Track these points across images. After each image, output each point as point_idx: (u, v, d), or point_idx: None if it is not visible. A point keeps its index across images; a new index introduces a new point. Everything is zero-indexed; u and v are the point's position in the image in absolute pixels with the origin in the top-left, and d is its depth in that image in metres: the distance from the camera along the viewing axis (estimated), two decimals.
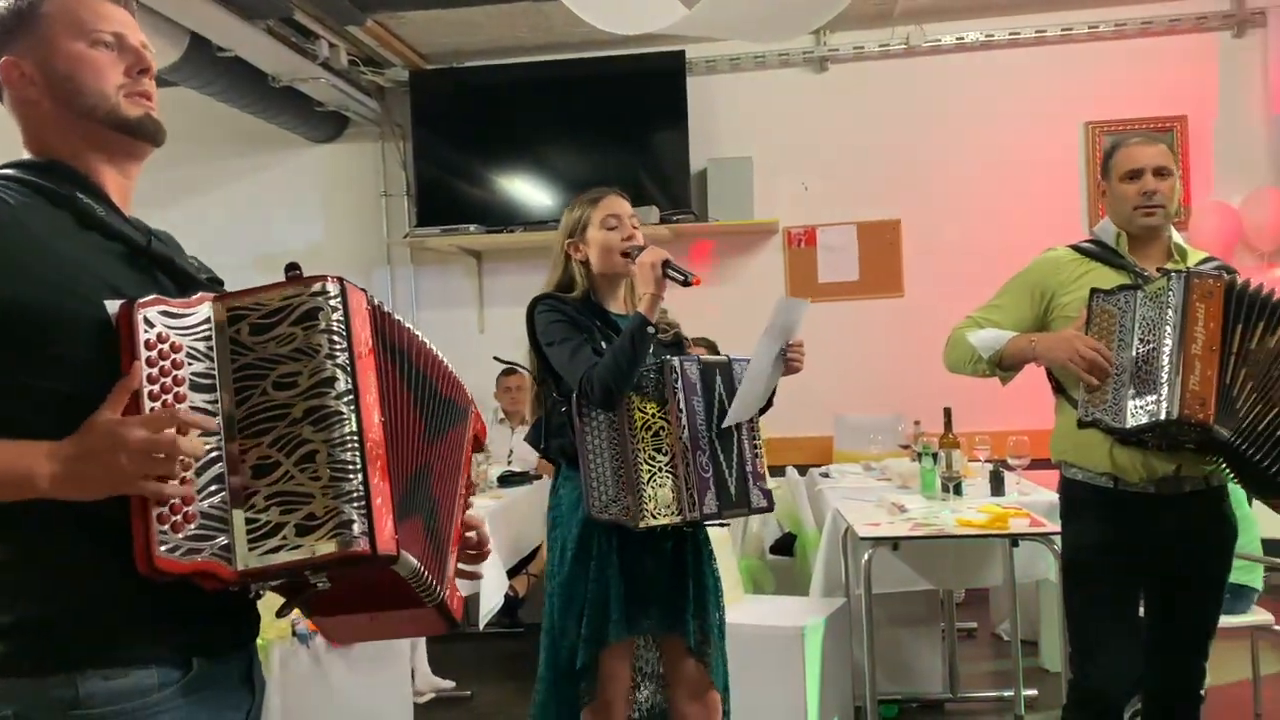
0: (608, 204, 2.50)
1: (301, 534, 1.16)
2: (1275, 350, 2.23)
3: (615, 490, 2.31)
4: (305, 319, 1.21)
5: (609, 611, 2.37)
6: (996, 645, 4.53)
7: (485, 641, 4.85)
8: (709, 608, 2.49)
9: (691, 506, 2.30)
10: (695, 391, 2.35)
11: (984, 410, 4.96)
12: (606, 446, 2.32)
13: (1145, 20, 5.40)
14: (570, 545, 2.43)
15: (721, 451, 2.37)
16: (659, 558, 2.42)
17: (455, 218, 5.58)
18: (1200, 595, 2.53)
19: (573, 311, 2.43)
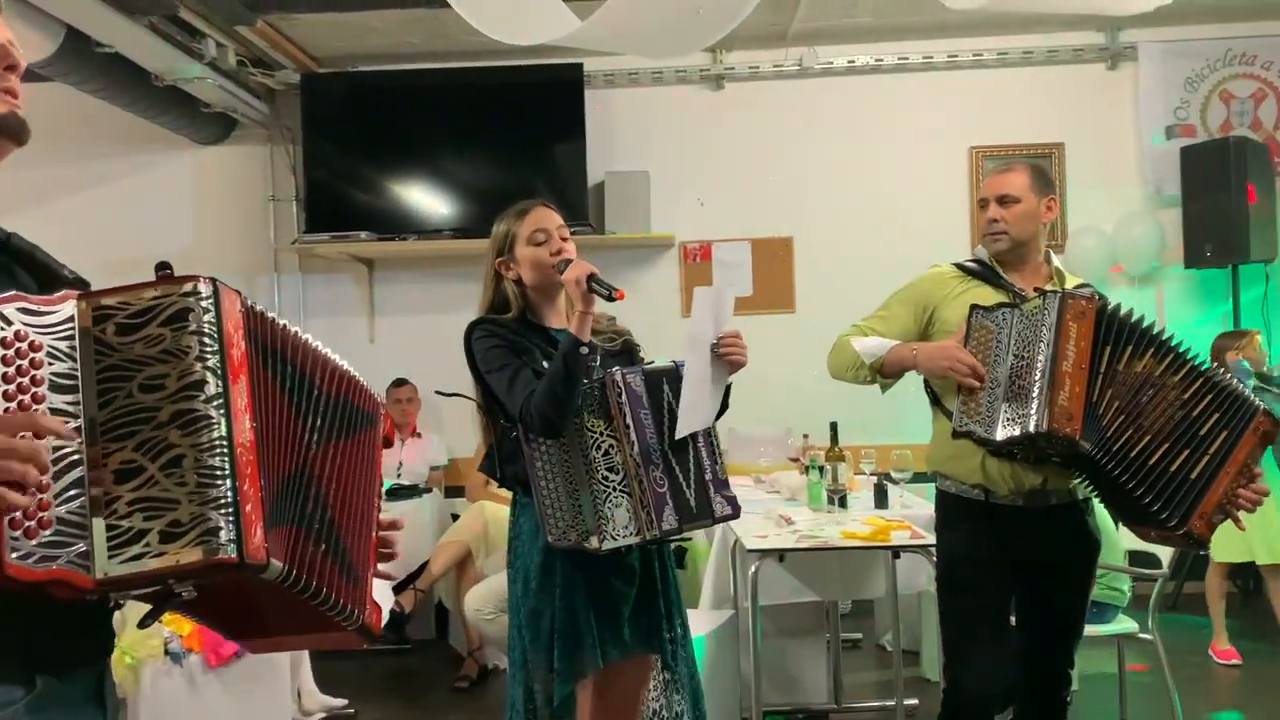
0: (534, 218, 2.42)
1: (165, 541, 1.12)
2: (1143, 375, 2.33)
3: (571, 515, 2.21)
4: (174, 320, 1.17)
5: (582, 640, 2.26)
6: (880, 655, 4.62)
7: (370, 658, 4.75)
8: (676, 619, 2.43)
9: (650, 525, 2.22)
10: (641, 404, 2.25)
11: (870, 425, 5.07)
12: (558, 471, 2.22)
13: (1026, 51, 5.62)
14: (534, 574, 2.31)
15: (677, 463, 2.28)
16: (626, 575, 2.33)
17: (346, 224, 5.47)
18: (1065, 605, 2.63)
19: (510, 334, 2.34)
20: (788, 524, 3.52)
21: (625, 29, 2.52)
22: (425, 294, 5.65)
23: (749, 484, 4.66)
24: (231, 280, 1.26)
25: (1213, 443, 2.30)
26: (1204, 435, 2.31)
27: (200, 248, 5.74)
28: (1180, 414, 2.32)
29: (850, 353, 2.60)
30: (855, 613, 5.15)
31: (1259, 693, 4.11)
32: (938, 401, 2.62)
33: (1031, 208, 2.53)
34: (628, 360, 2.44)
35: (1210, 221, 5.21)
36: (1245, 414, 2.32)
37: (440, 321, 4.63)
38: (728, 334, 2.34)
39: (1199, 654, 4.46)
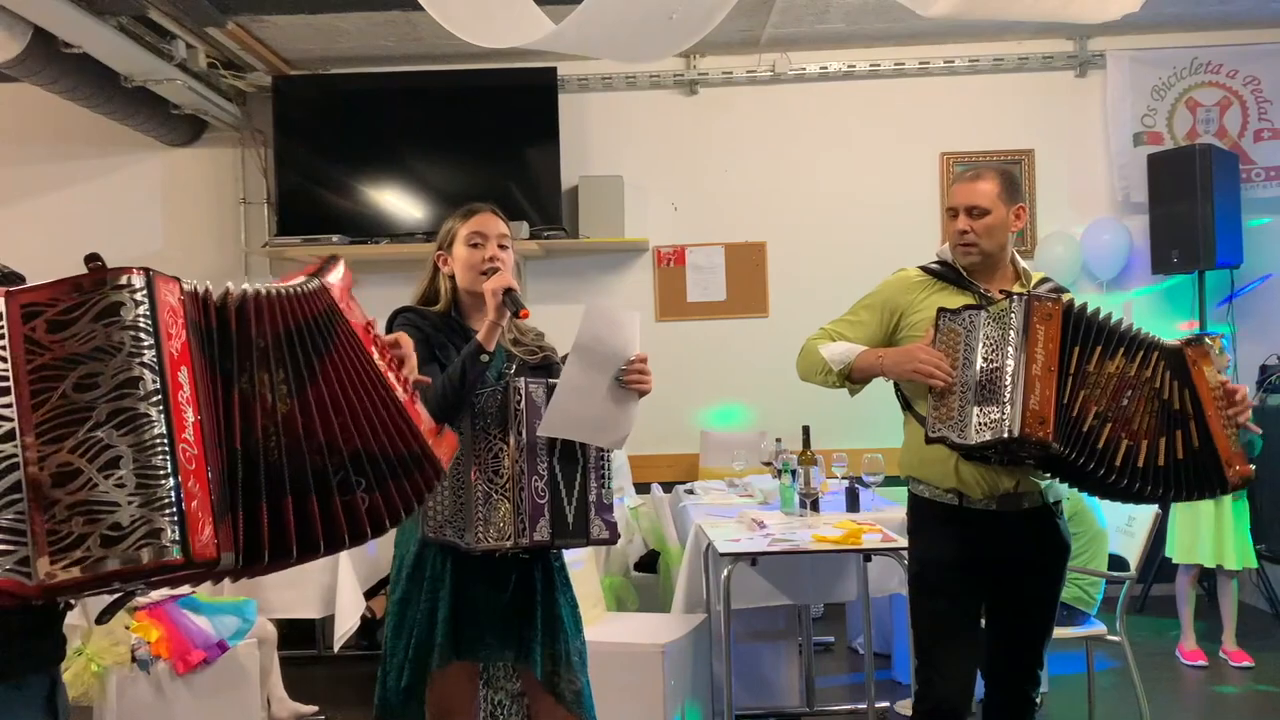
0: (477, 221, 2.44)
1: (106, 545, 1.10)
2: (1119, 375, 2.34)
3: (451, 511, 2.24)
4: (106, 315, 1.14)
5: (434, 634, 2.29)
6: (853, 658, 4.64)
7: (341, 664, 4.71)
8: (559, 637, 2.39)
9: (522, 532, 2.22)
10: (538, 414, 2.26)
11: (842, 428, 5.10)
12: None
13: (997, 58, 5.67)
14: (407, 563, 2.35)
15: (562, 478, 2.29)
16: (498, 584, 2.34)
17: (318, 228, 5.44)
18: (1036, 607, 2.64)
19: (430, 328, 2.35)
20: (760, 527, 3.53)
21: (598, 33, 2.52)
22: (397, 297, 5.44)
23: (721, 488, 4.67)
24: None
25: (1185, 411, 2.33)
26: (1178, 409, 2.33)
27: (170, 250, 5.69)
28: (1158, 403, 2.34)
29: (818, 358, 2.60)
30: (828, 616, 5.17)
31: (1223, 693, 4.16)
32: (909, 406, 2.62)
33: (1001, 218, 2.53)
34: (545, 374, 2.43)
35: (1177, 228, 5.28)
36: (1179, 357, 2.36)
37: None
38: (636, 359, 2.30)
39: (1166, 655, 4.51)
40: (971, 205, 2.52)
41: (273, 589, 3.87)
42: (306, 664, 4.81)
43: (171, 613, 3.38)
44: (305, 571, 3.82)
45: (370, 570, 4.41)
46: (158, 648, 3.31)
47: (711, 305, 5.77)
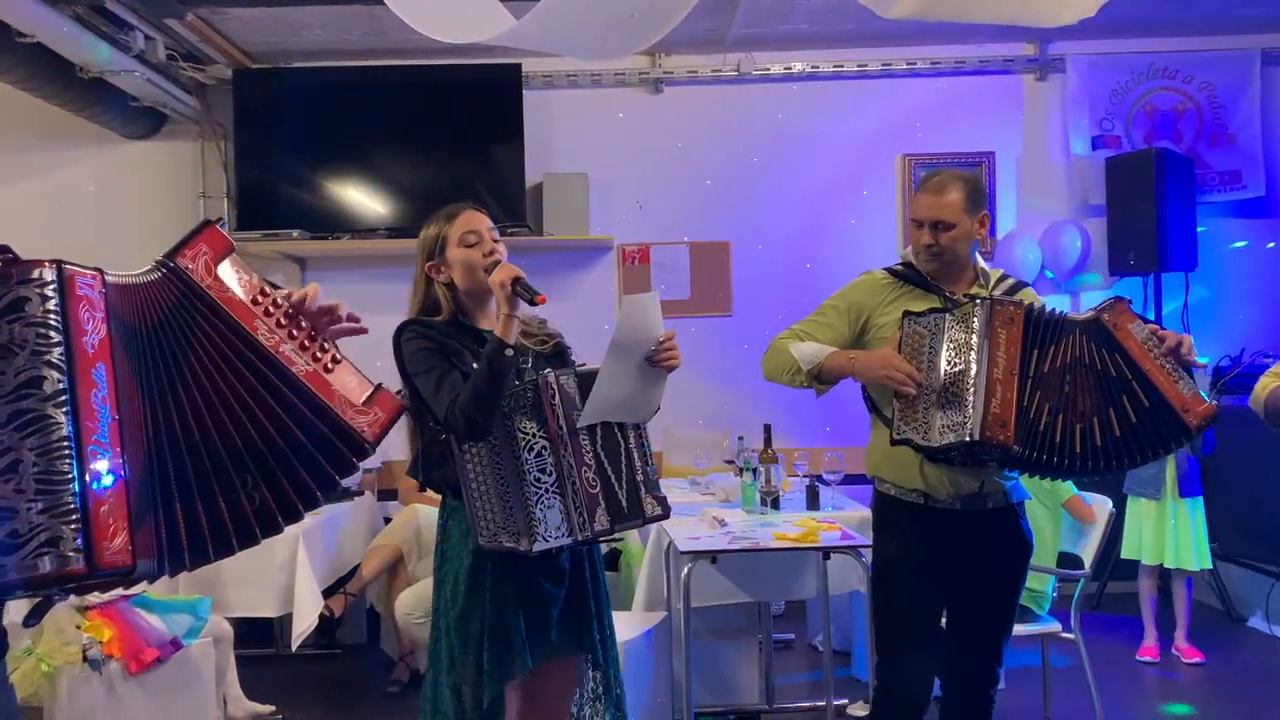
0: (465, 220, 2.40)
1: (4, 553, 1.05)
2: (1061, 366, 2.38)
3: (503, 518, 2.20)
4: (9, 311, 1.09)
5: (511, 642, 2.26)
6: (813, 656, 4.67)
7: (298, 663, 4.67)
8: (606, 620, 2.43)
9: (583, 526, 2.23)
10: (574, 406, 2.26)
11: (803, 427, 5.14)
12: (489, 473, 2.21)
13: (958, 60, 5.72)
14: (463, 578, 2.29)
15: (609, 464, 2.29)
16: (556, 577, 2.33)
17: (278, 222, 5.39)
18: (997, 606, 2.67)
19: (440, 336, 2.32)
20: (721, 525, 3.54)
21: (559, 30, 2.51)
22: (359, 294, 5.42)
23: (684, 486, 4.68)
24: None
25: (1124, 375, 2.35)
26: (1115, 375, 2.36)
27: (128, 245, 5.60)
28: (1093, 377, 2.37)
29: (787, 357, 2.62)
30: (789, 614, 5.19)
31: (1175, 689, 4.23)
32: (876, 409, 2.65)
33: (965, 230, 2.56)
34: (559, 362, 2.43)
35: (1133, 231, 5.35)
36: (1098, 325, 2.39)
37: (374, 322, 4.52)
38: (665, 338, 2.33)
39: (1120, 652, 4.57)
40: (936, 220, 2.55)
41: (230, 587, 3.83)
42: (264, 663, 4.76)
43: (124, 612, 3.34)
44: (263, 569, 3.78)
45: (331, 568, 4.38)
46: (110, 647, 3.26)
47: (675, 304, 5.77)
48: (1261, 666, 4.48)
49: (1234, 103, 5.70)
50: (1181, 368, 2.36)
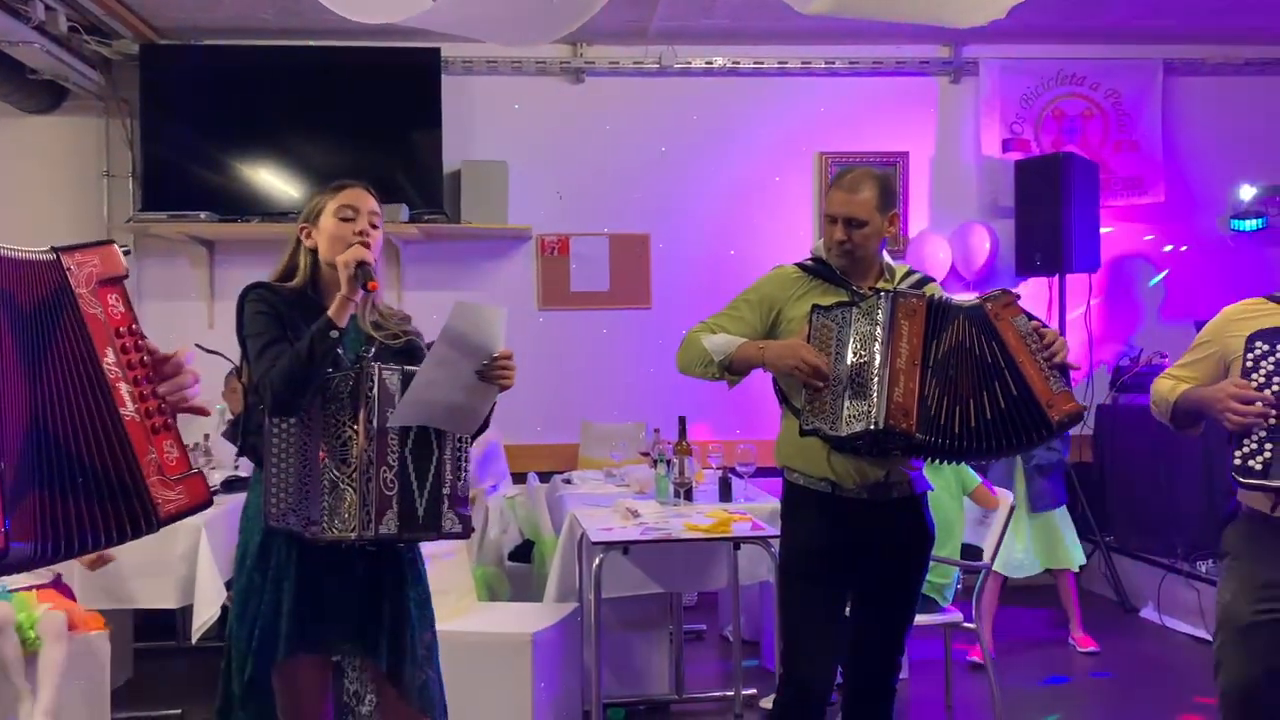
0: (349, 195, 2.35)
1: None
2: (948, 350, 2.44)
3: (296, 499, 2.16)
4: None
5: (279, 625, 2.22)
6: (724, 646, 4.71)
7: (200, 656, 4.55)
8: (405, 631, 2.34)
9: (366, 524, 2.16)
10: (391, 403, 2.19)
11: (718, 419, 5.18)
12: (294, 452, 2.16)
13: (876, 60, 5.81)
14: (251, 553, 2.27)
15: (414, 469, 2.22)
16: (345, 576, 2.28)
17: (186, 203, 5.23)
18: (899, 595, 2.73)
19: (282, 305, 2.26)
20: (634, 517, 3.55)
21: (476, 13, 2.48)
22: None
23: (600, 477, 4.68)
24: None
25: (998, 362, 2.41)
26: (990, 362, 2.42)
27: (24, 225, 5.38)
28: (972, 360, 2.43)
29: (699, 349, 2.65)
30: (701, 605, 5.23)
31: (1074, 678, 4.37)
32: (785, 400, 2.68)
33: (877, 228, 2.62)
34: (406, 360, 2.35)
35: (1040, 233, 5.51)
36: (981, 313, 2.45)
37: None
38: (501, 355, 2.27)
39: (1021, 643, 4.71)
40: (850, 217, 2.60)
41: (129, 579, 3.71)
42: (165, 656, 4.64)
43: None
44: (163, 560, 3.67)
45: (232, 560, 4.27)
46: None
47: (594, 295, 5.76)
48: (1152, 655, 4.65)
49: (1137, 110, 5.90)
50: (1056, 369, 2.43)
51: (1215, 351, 2.47)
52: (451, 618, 3.44)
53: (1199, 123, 5.97)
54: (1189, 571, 4.89)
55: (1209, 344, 2.51)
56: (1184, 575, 4.89)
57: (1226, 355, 2.40)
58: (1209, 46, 5.91)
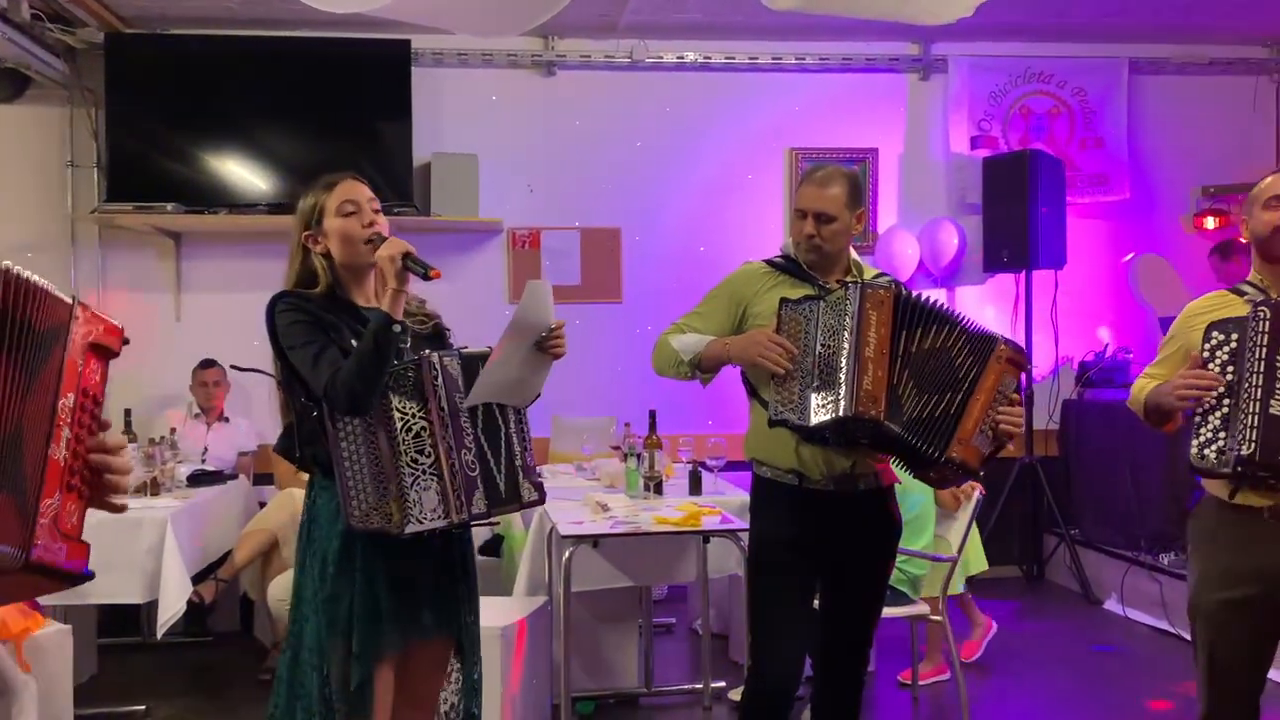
0: (344, 189, 2.32)
1: None
2: (928, 349, 2.48)
3: (376, 498, 2.15)
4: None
5: (381, 625, 2.22)
6: (693, 639, 4.72)
7: (166, 652, 4.52)
8: (474, 606, 2.41)
9: (459, 508, 2.19)
10: (457, 387, 2.23)
11: (689, 413, 5.18)
12: (364, 452, 2.15)
13: (846, 57, 5.83)
14: (332, 559, 2.23)
15: (488, 447, 2.27)
16: (427, 561, 2.29)
17: (152, 195, 5.17)
18: (866, 587, 2.74)
19: (316, 309, 2.24)
20: (604, 510, 3.55)
21: (445, 4, 2.47)
22: (237, 271, 5.40)
23: (570, 471, 4.68)
24: (21, 254, 1.15)
25: (965, 378, 2.47)
26: (960, 376, 2.48)
27: None
28: (947, 368, 2.48)
29: (669, 350, 2.67)
30: (671, 598, 5.25)
31: (1038, 668, 4.42)
32: (754, 393, 2.70)
33: (845, 224, 2.64)
34: (438, 344, 2.39)
35: (1007, 229, 5.56)
36: (988, 346, 2.50)
37: (252, 300, 4.35)
38: (556, 326, 2.33)
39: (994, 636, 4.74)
40: (820, 211, 2.62)
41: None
42: (129, 651, 4.60)
43: None
44: (128, 554, 3.63)
45: (202, 553, 4.23)
46: None
47: (566, 289, 5.75)
48: (1117, 645, 4.71)
49: (1103, 108, 5.96)
50: (993, 429, 2.48)
51: (1181, 346, 2.52)
52: None
53: (1164, 121, 6.05)
54: (1151, 564, 4.95)
55: (1175, 339, 2.57)
56: (1147, 568, 4.95)
57: (1190, 349, 2.44)
58: (1174, 46, 5.99)
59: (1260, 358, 2.25)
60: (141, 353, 4.84)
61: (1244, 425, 2.22)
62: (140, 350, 5.25)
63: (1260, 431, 2.21)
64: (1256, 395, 2.23)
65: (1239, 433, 2.23)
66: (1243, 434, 2.22)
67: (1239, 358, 2.28)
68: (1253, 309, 2.30)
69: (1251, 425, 2.22)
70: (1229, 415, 2.26)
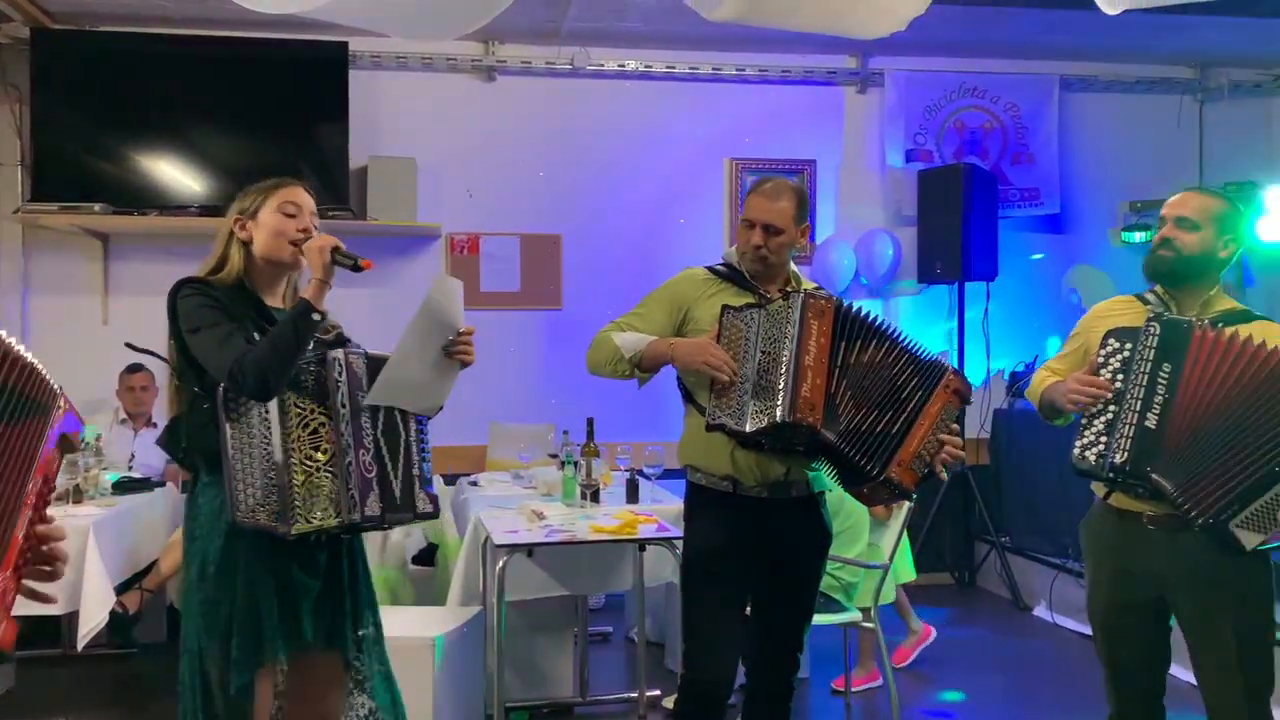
0: (291, 191, 2.32)
1: None
2: (868, 362, 2.52)
3: (264, 493, 2.10)
4: None
5: (262, 629, 2.16)
6: (630, 648, 4.71)
7: (88, 664, 4.39)
8: (365, 618, 2.35)
9: (351, 508, 2.15)
10: (361, 386, 2.20)
11: (628, 421, 5.18)
12: (256, 445, 2.11)
13: (785, 69, 5.89)
14: (213, 558, 2.17)
15: (387, 451, 2.24)
16: (311, 567, 2.24)
17: (79, 195, 5.05)
18: (798, 594, 2.77)
19: (223, 297, 2.20)
20: (539, 519, 3.54)
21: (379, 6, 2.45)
22: (167, 274, 5.06)
23: (507, 479, 4.65)
24: None
25: (910, 401, 2.52)
26: (904, 397, 2.53)
27: None
28: (888, 385, 2.53)
29: (610, 346, 2.66)
30: (608, 606, 5.24)
31: (969, 673, 4.49)
32: (690, 397, 2.71)
33: (791, 238, 2.69)
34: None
35: (941, 241, 5.65)
36: (937, 374, 2.55)
37: None
38: (466, 331, 2.31)
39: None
40: (769, 224, 2.66)
41: None
42: (50, 664, 4.46)
43: None
44: None
45: (126, 562, 4.13)
46: None
47: (505, 295, 5.73)
48: (1043, 652, 4.80)
49: (1035, 124, 6.10)
50: (932, 455, 2.52)
51: (1082, 345, 2.64)
52: None
53: (1092, 137, 6.20)
54: (1079, 570, 5.05)
55: (1078, 337, 2.69)
56: (1074, 575, 5.06)
57: (1090, 349, 2.53)
58: (1102, 64, 6.15)
59: (1144, 371, 2.35)
60: (67, 357, 4.72)
61: (1121, 434, 2.33)
62: (66, 354, 5.13)
63: (1133, 442, 2.32)
64: (1136, 407, 2.33)
65: (1116, 440, 2.34)
66: (1119, 442, 2.33)
67: (1128, 367, 2.37)
68: (1145, 322, 2.40)
69: (1127, 435, 2.32)
70: (1112, 421, 2.36)
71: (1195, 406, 2.28)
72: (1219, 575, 2.36)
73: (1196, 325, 2.35)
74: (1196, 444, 2.28)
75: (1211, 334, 2.32)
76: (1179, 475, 2.28)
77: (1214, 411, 2.28)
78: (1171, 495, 2.28)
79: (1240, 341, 2.29)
